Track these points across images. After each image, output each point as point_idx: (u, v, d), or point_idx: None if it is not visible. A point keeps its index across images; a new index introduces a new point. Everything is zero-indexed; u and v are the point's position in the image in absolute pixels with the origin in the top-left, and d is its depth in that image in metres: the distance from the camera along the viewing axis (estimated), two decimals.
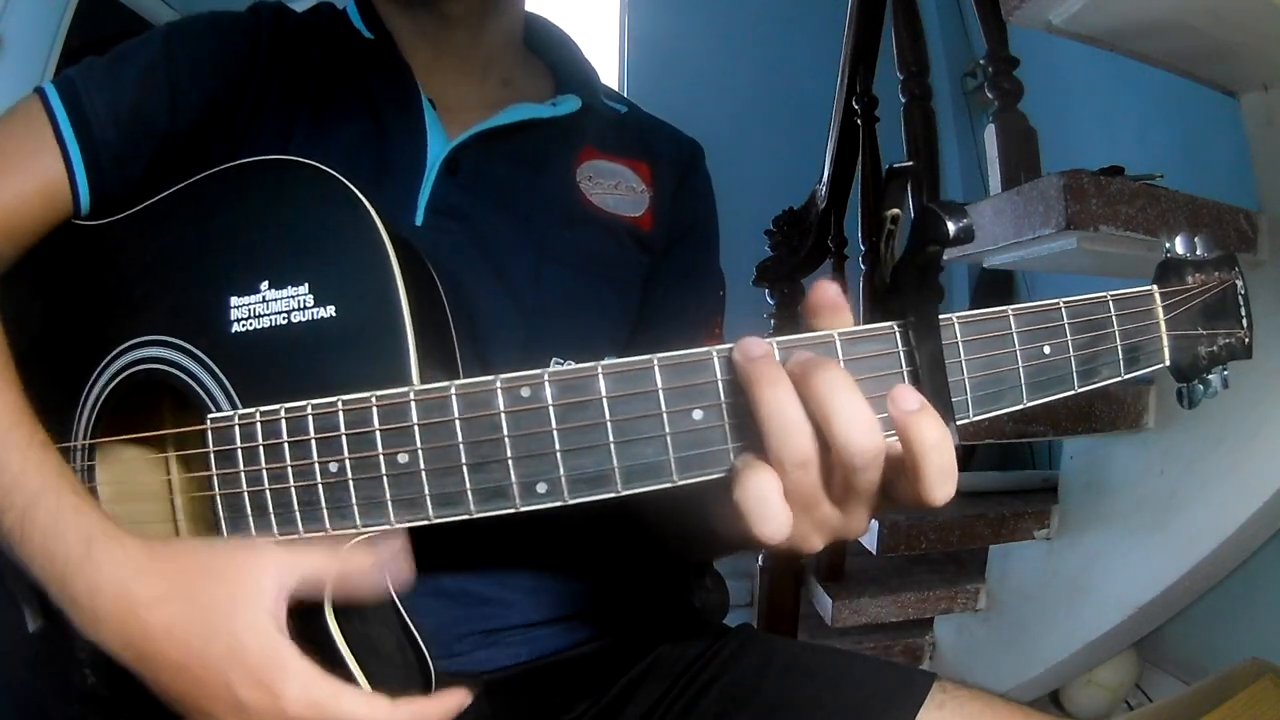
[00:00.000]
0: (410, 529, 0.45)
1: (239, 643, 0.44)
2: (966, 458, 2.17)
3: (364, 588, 0.46)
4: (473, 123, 0.68)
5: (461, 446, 0.42)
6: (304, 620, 0.46)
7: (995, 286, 2.67)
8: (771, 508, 0.39)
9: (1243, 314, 0.47)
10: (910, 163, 0.37)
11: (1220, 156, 1.58)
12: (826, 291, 0.43)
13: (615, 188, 0.74)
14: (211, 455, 0.47)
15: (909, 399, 0.38)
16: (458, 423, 0.42)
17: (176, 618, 0.44)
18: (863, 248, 1.76)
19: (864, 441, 0.38)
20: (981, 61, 1.41)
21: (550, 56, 0.80)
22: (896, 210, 0.40)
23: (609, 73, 3.25)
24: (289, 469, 0.45)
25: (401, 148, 0.67)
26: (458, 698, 0.48)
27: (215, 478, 0.47)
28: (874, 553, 1.49)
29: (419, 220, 0.65)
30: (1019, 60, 1.35)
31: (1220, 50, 1.15)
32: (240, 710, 0.44)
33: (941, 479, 0.39)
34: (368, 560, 0.46)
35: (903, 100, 1.62)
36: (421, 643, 0.52)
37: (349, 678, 0.46)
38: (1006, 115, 1.32)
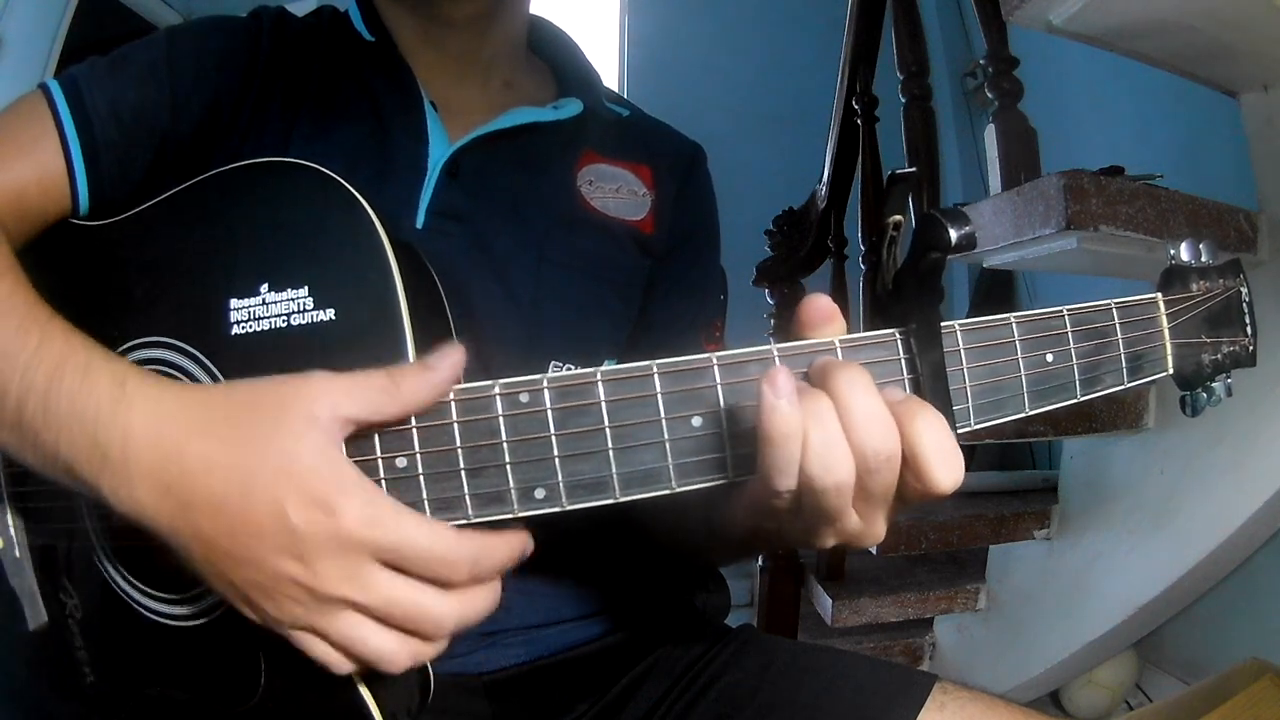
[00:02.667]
0: None
1: (291, 459, 0.40)
2: (966, 458, 2.17)
3: (428, 402, 0.42)
4: (474, 125, 0.68)
5: (460, 451, 0.42)
6: None
7: (996, 286, 2.67)
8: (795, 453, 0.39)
9: (1247, 321, 0.47)
10: (912, 169, 0.37)
11: (1220, 156, 1.58)
12: (819, 306, 0.42)
13: (616, 191, 0.74)
14: None
15: (896, 391, 0.39)
16: (456, 427, 0.42)
17: (220, 446, 0.41)
18: (863, 248, 1.76)
19: (879, 443, 0.38)
20: (981, 61, 1.41)
21: (553, 59, 0.80)
22: (899, 217, 0.40)
23: (609, 73, 3.25)
24: None
25: (403, 150, 0.67)
26: (521, 538, 0.45)
27: None
28: (874, 553, 1.49)
29: (420, 222, 0.65)
30: (1019, 60, 1.35)
31: (1220, 50, 1.15)
32: (292, 542, 0.40)
33: (943, 463, 0.39)
34: (425, 373, 0.42)
35: (903, 100, 1.62)
36: None
37: (347, 679, 0.46)
38: (1006, 115, 1.32)
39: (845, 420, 0.38)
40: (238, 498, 0.40)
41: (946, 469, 0.39)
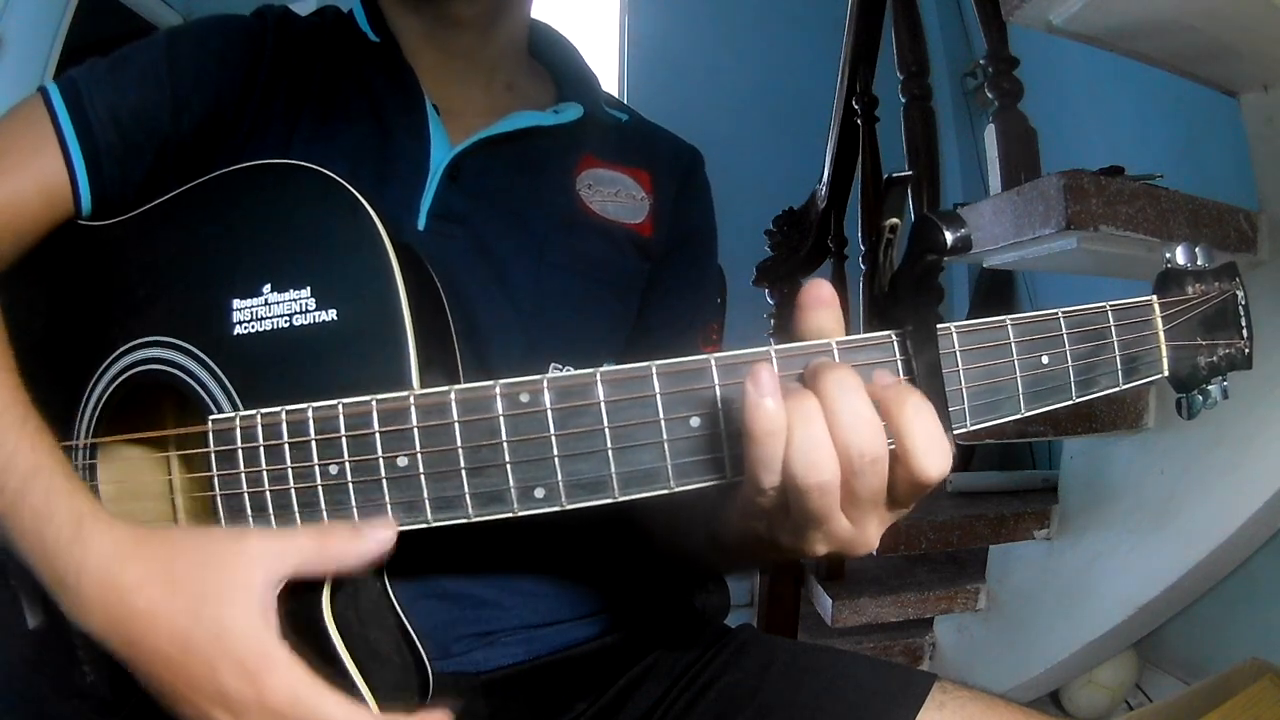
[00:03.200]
0: (408, 530, 0.45)
1: (224, 629, 0.43)
2: (966, 458, 2.18)
3: (355, 565, 0.45)
4: (476, 128, 0.69)
5: (460, 450, 0.43)
6: (301, 619, 0.46)
7: (995, 286, 2.67)
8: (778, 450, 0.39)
9: (1243, 324, 0.47)
10: (909, 172, 0.37)
11: (1220, 156, 1.58)
12: (820, 290, 0.42)
13: (615, 195, 0.75)
14: (212, 456, 0.47)
15: (887, 375, 0.39)
16: (457, 426, 0.43)
17: (162, 602, 0.44)
18: (863, 248, 1.76)
19: (864, 445, 0.38)
20: (981, 61, 1.40)
21: (553, 63, 0.81)
22: (895, 220, 0.40)
23: (609, 74, 3.25)
24: (289, 470, 0.46)
25: (405, 152, 0.67)
26: (442, 713, 0.48)
27: (216, 478, 0.47)
28: (874, 553, 1.49)
29: (421, 225, 0.65)
30: (1019, 60, 1.35)
31: (1220, 50, 1.15)
32: (222, 699, 0.43)
33: (929, 451, 0.39)
34: (354, 540, 0.45)
35: (903, 100, 1.62)
36: (419, 643, 0.52)
37: (346, 677, 0.47)
38: (1006, 115, 1.32)
39: (831, 421, 0.38)
40: (177, 653, 0.44)
41: (933, 457, 0.38)
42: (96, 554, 0.45)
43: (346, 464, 0.44)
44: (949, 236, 0.35)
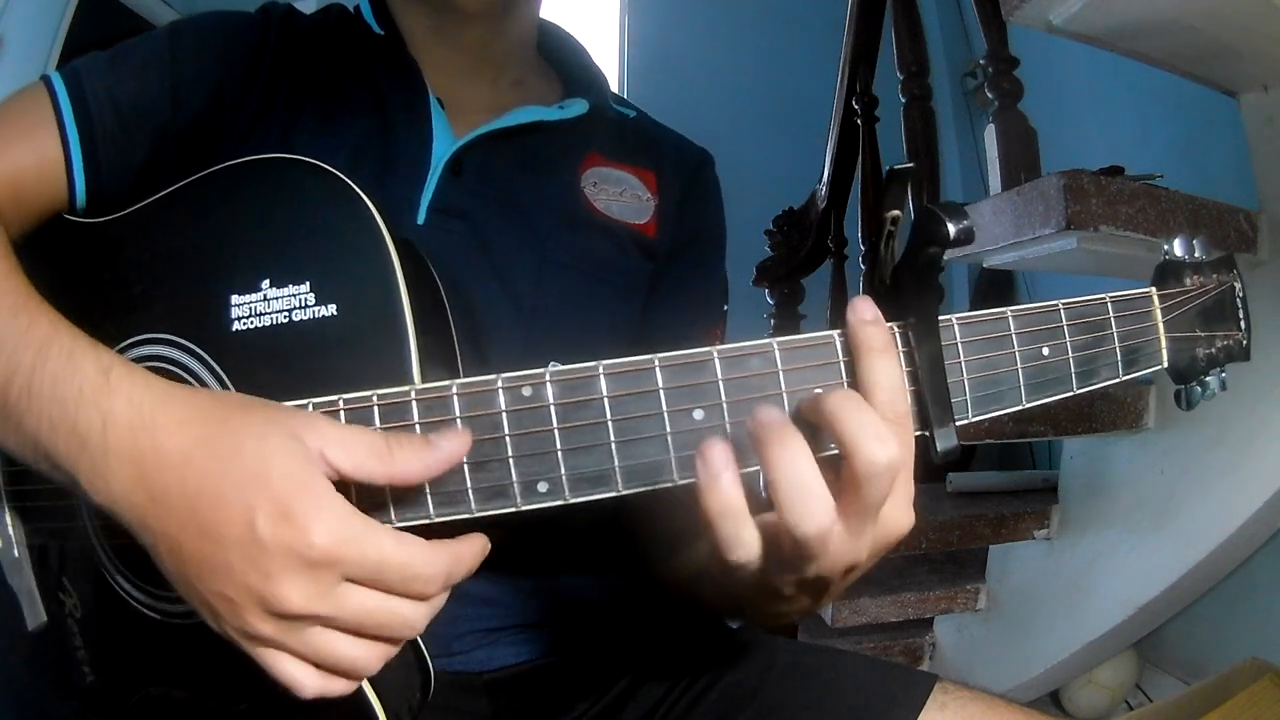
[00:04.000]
0: (411, 527, 0.45)
1: (268, 466, 0.39)
2: (967, 458, 2.18)
3: (419, 479, 0.41)
4: (480, 123, 0.68)
5: None
6: None
7: (995, 286, 2.67)
8: (741, 530, 0.38)
9: (1241, 316, 0.47)
10: (910, 164, 0.37)
11: (1220, 156, 1.58)
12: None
13: (620, 195, 0.74)
14: None
15: (867, 310, 0.39)
16: (458, 422, 0.42)
17: (199, 440, 0.40)
18: (863, 248, 1.76)
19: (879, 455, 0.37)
20: (981, 61, 1.41)
21: (560, 62, 0.80)
22: (897, 212, 0.40)
23: (609, 73, 3.24)
24: None
25: (406, 146, 0.67)
26: (483, 542, 0.43)
27: None
28: None
29: (421, 219, 0.65)
30: (1019, 60, 1.35)
31: (1220, 50, 1.15)
32: (257, 548, 0.38)
33: (890, 391, 0.38)
34: (422, 466, 0.41)
35: (903, 100, 1.62)
36: (420, 641, 0.52)
37: None
38: (1006, 115, 1.32)
39: (776, 495, 0.37)
40: (210, 497, 0.39)
41: (878, 443, 0.36)
42: (126, 398, 0.41)
43: None
44: (951, 228, 0.35)
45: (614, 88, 0.81)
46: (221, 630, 0.41)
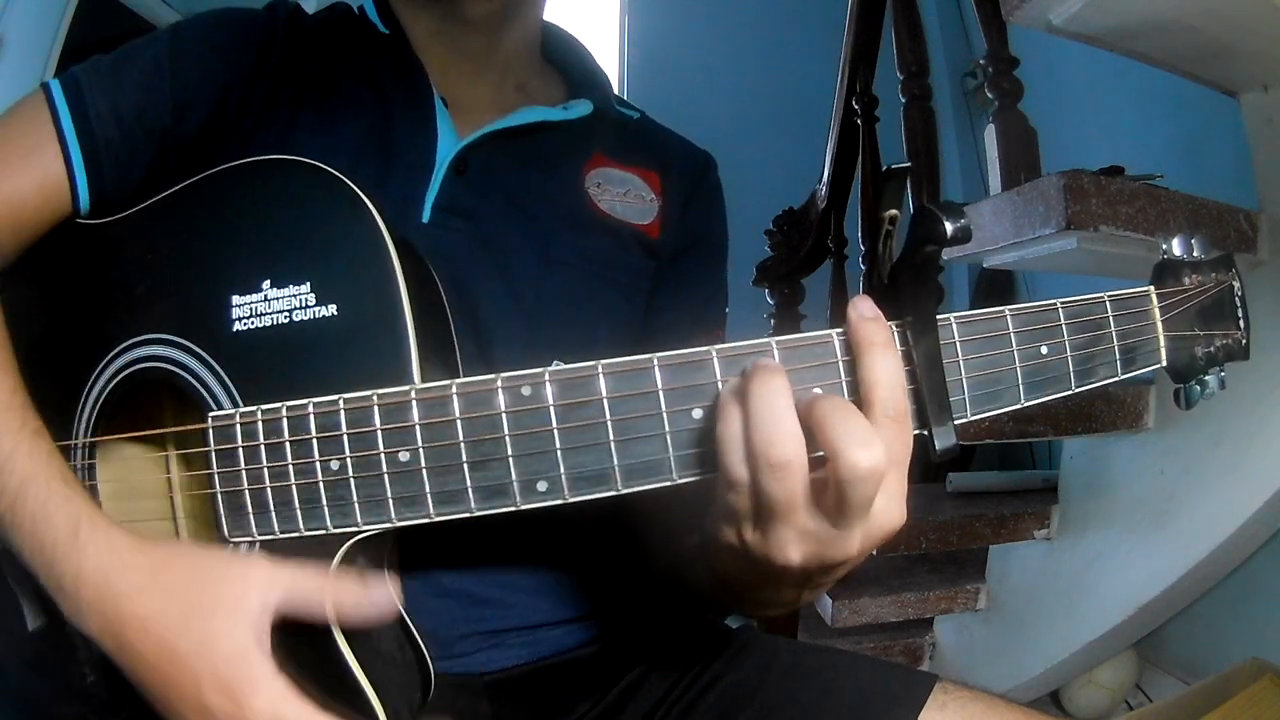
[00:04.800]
0: (411, 528, 0.45)
1: (210, 645, 0.44)
2: (966, 458, 2.18)
3: (352, 616, 0.46)
4: (484, 123, 0.68)
5: (462, 445, 0.43)
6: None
7: (995, 286, 2.67)
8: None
9: (1240, 315, 0.47)
10: (908, 164, 0.37)
11: (1220, 156, 1.58)
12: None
13: (624, 195, 0.74)
14: (213, 453, 0.47)
15: (867, 308, 0.40)
16: (459, 421, 0.43)
17: (154, 611, 0.45)
18: (863, 248, 1.76)
19: (863, 457, 0.37)
20: (981, 61, 1.41)
21: (564, 64, 0.80)
22: (894, 211, 0.40)
23: (609, 74, 3.24)
24: (290, 467, 0.46)
25: (410, 144, 0.67)
26: None
27: (216, 476, 0.47)
28: (874, 552, 1.49)
29: (425, 217, 0.65)
30: (1019, 60, 1.35)
31: (1220, 50, 1.15)
32: (205, 713, 0.44)
33: (890, 389, 0.39)
34: (358, 590, 0.46)
35: (903, 100, 1.62)
36: (422, 643, 0.52)
37: (349, 676, 0.47)
38: (1006, 115, 1.32)
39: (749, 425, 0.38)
40: (165, 663, 0.44)
41: (862, 449, 0.37)
42: (93, 560, 0.46)
43: (348, 460, 0.44)
44: (949, 227, 0.35)
45: (614, 88, 0.82)
46: None
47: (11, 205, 0.58)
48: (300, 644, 0.46)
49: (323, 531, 0.46)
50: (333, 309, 0.47)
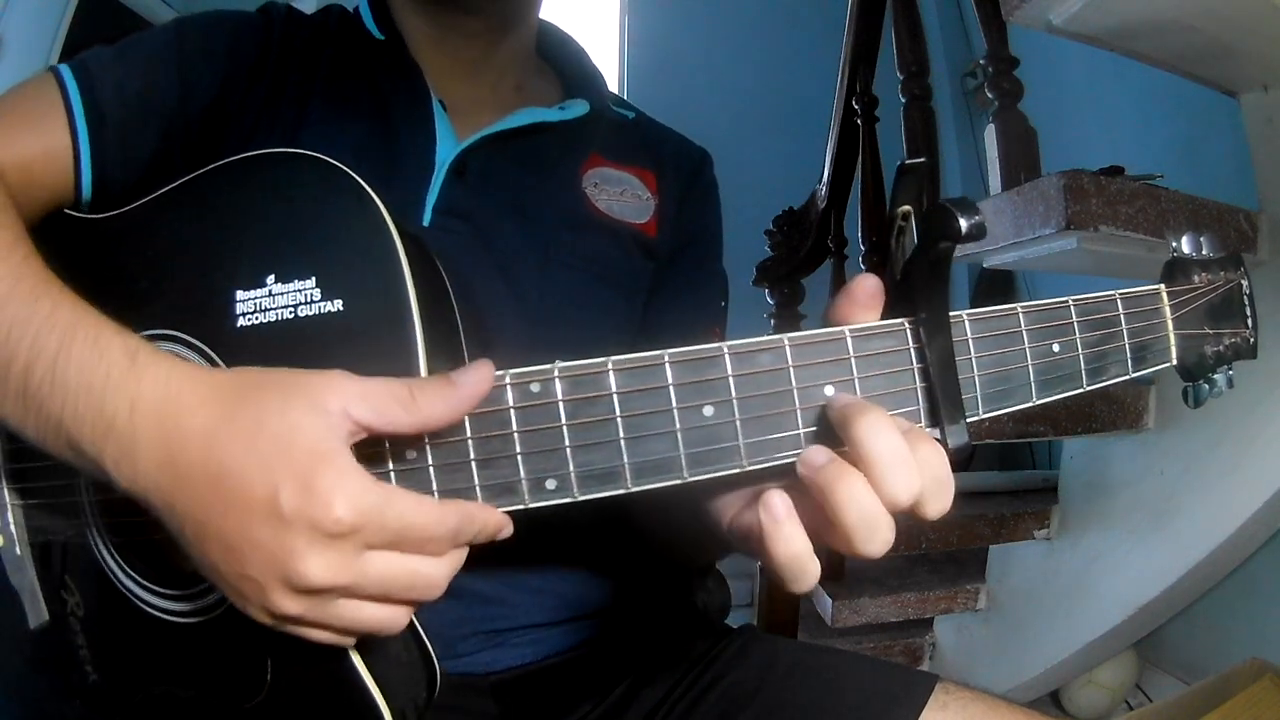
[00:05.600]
0: None
1: (291, 439, 0.39)
2: (967, 458, 2.17)
3: (447, 423, 0.41)
4: (482, 125, 0.68)
5: (470, 442, 0.42)
6: None
7: (995, 286, 2.67)
8: (807, 570, 0.40)
9: (1248, 314, 0.47)
10: (921, 159, 0.37)
11: (1220, 156, 1.59)
12: (868, 287, 0.42)
13: (621, 195, 0.75)
14: None
15: (900, 423, 0.39)
16: (466, 418, 0.42)
17: (222, 420, 0.40)
18: (863, 248, 1.76)
19: (905, 494, 0.38)
20: (981, 61, 1.41)
21: (560, 64, 0.81)
22: (908, 207, 0.40)
23: (609, 74, 3.24)
24: None
25: (410, 148, 0.67)
26: (499, 515, 0.43)
27: None
28: None
29: (426, 220, 0.65)
30: (1019, 60, 1.35)
31: (1220, 50, 1.15)
32: (280, 523, 0.38)
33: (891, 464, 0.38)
34: (448, 392, 0.41)
35: (903, 100, 1.62)
36: (427, 641, 0.52)
37: (353, 674, 0.46)
38: (1006, 115, 1.32)
39: (874, 474, 0.38)
40: (234, 474, 0.39)
41: (942, 498, 0.38)
42: (153, 380, 0.41)
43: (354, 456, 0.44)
44: (963, 223, 0.35)
45: (614, 88, 0.82)
46: (250, 613, 0.41)
47: (22, 165, 0.58)
48: (305, 643, 0.45)
49: None
50: (339, 304, 0.46)
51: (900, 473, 0.37)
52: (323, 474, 0.38)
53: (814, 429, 0.41)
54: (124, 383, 0.41)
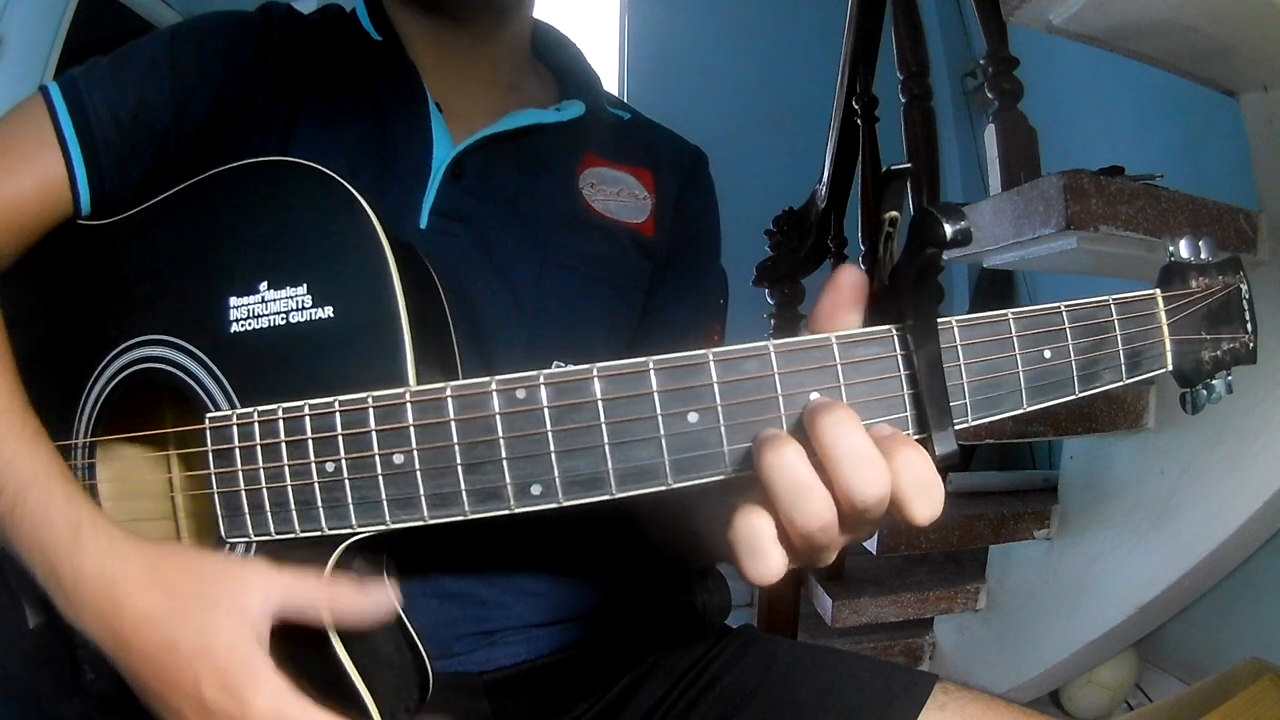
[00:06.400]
0: (410, 529, 0.45)
1: (211, 641, 0.44)
2: (966, 458, 2.17)
3: (350, 620, 0.46)
4: (479, 127, 0.68)
5: (456, 448, 0.42)
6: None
7: (995, 286, 2.67)
8: (764, 549, 0.38)
9: (1247, 318, 0.46)
10: (908, 165, 0.37)
11: (1220, 156, 1.58)
12: (847, 278, 0.41)
13: (618, 194, 0.74)
14: (210, 454, 0.47)
15: (883, 428, 0.39)
16: (453, 424, 0.42)
17: (154, 607, 0.45)
18: (863, 248, 1.76)
19: (871, 490, 0.37)
20: (981, 61, 1.40)
21: (556, 63, 0.81)
22: (895, 213, 0.39)
23: (609, 74, 3.25)
24: (286, 468, 0.45)
25: (407, 151, 0.67)
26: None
27: (213, 476, 0.47)
28: (874, 553, 1.49)
29: (423, 223, 0.65)
30: (1019, 60, 1.35)
31: (1220, 50, 1.15)
32: (205, 712, 0.44)
33: (922, 495, 0.38)
34: (356, 595, 0.46)
35: (903, 100, 1.62)
36: (420, 643, 0.52)
37: (345, 677, 0.46)
38: (1006, 115, 1.32)
39: (831, 463, 0.37)
40: (164, 659, 0.44)
41: (926, 501, 0.38)
42: (93, 558, 0.46)
43: (343, 461, 0.44)
44: (949, 229, 0.35)
45: (614, 88, 0.82)
46: None
47: (11, 208, 0.58)
48: (296, 646, 0.46)
49: (318, 533, 0.46)
50: (329, 311, 0.47)
51: (863, 468, 0.36)
52: (242, 679, 0.43)
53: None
54: (69, 555, 0.46)
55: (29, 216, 0.59)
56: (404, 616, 0.51)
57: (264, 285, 0.48)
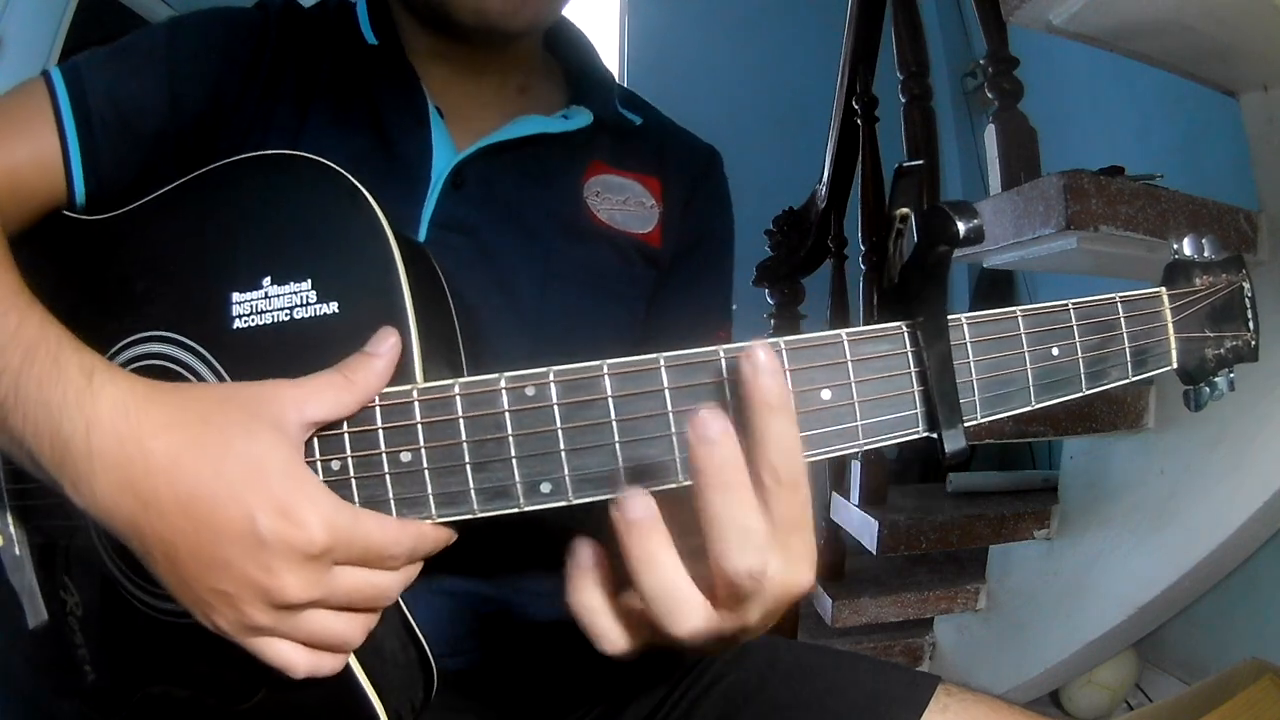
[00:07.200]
0: None
1: (261, 465, 0.40)
2: (967, 458, 2.17)
3: (380, 388, 0.44)
4: (482, 133, 0.67)
5: (465, 445, 0.42)
6: None
7: (995, 286, 2.67)
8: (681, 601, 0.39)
9: (1249, 317, 0.47)
10: (920, 161, 0.37)
11: (1220, 156, 1.59)
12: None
13: (624, 203, 0.73)
14: None
15: (764, 359, 0.37)
16: (461, 421, 0.42)
17: (188, 444, 0.40)
18: (863, 248, 1.76)
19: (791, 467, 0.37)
20: (981, 61, 1.41)
21: (567, 61, 0.79)
22: (906, 210, 0.39)
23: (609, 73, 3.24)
24: None
25: (405, 159, 0.65)
26: (448, 532, 0.45)
27: None
28: (874, 553, 1.49)
29: (422, 234, 0.64)
30: (1019, 60, 1.35)
31: (1220, 50, 1.15)
32: (257, 545, 0.39)
33: (784, 454, 0.37)
34: (371, 364, 0.43)
35: (903, 100, 1.62)
36: (424, 641, 0.52)
37: (349, 674, 0.46)
38: (1006, 115, 1.32)
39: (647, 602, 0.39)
40: (205, 498, 0.40)
41: (740, 555, 0.37)
42: (110, 402, 0.41)
43: (349, 459, 0.44)
44: (961, 227, 0.35)
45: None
46: (213, 624, 0.42)
47: (9, 172, 0.58)
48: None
49: None
50: (334, 306, 0.46)
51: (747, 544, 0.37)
52: (297, 498, 0.40)
53: (810, 433, 0.41)
54: (80, 403, 0.41)
55: (25, 187, 0.58)
56: (408, 613, 0.51)
57: (267, 280, 0.48)
